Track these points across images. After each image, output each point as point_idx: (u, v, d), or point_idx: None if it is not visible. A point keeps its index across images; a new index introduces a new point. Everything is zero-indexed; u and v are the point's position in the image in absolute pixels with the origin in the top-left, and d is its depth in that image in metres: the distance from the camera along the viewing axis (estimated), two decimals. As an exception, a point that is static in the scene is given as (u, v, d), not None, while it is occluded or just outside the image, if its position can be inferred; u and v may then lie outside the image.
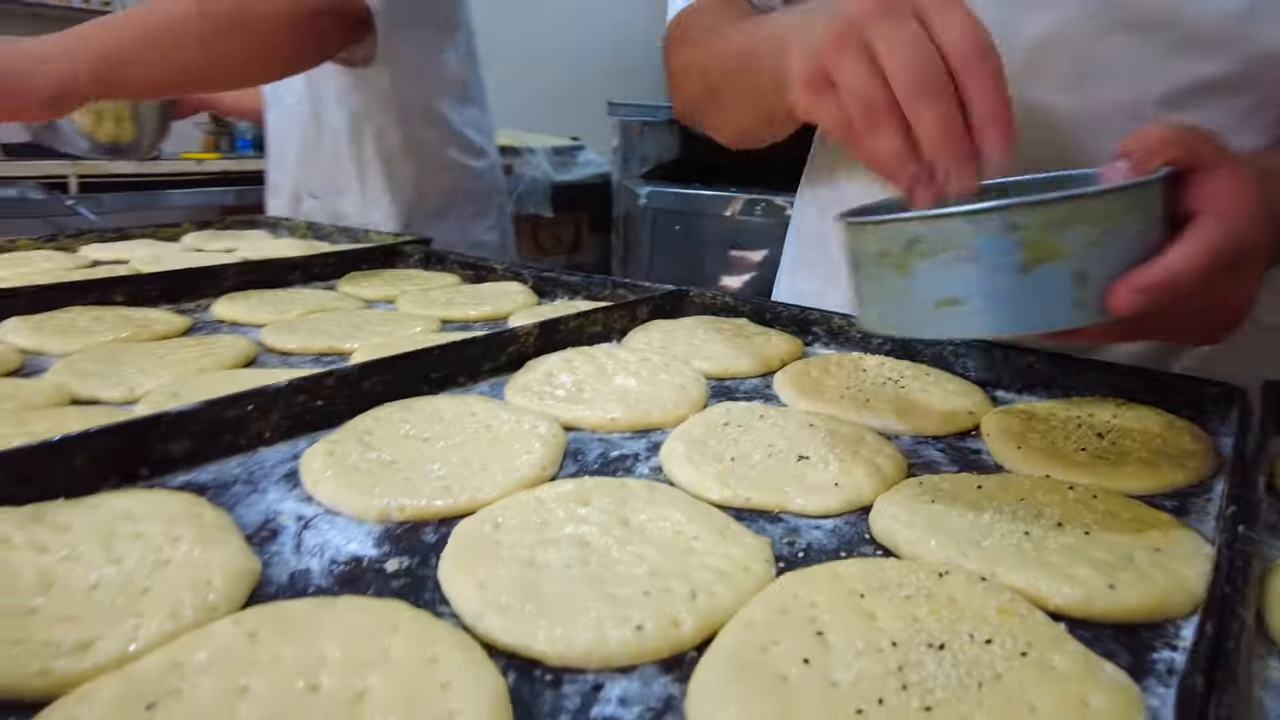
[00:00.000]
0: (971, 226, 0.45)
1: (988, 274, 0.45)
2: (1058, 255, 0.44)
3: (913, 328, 0.50)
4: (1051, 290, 0.45)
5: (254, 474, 0.56)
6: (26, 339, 0.84)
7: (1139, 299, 0.44)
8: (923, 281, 0.47)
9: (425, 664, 0.35)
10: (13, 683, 0.34)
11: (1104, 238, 0.45)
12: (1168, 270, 0.45)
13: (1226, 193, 0.48)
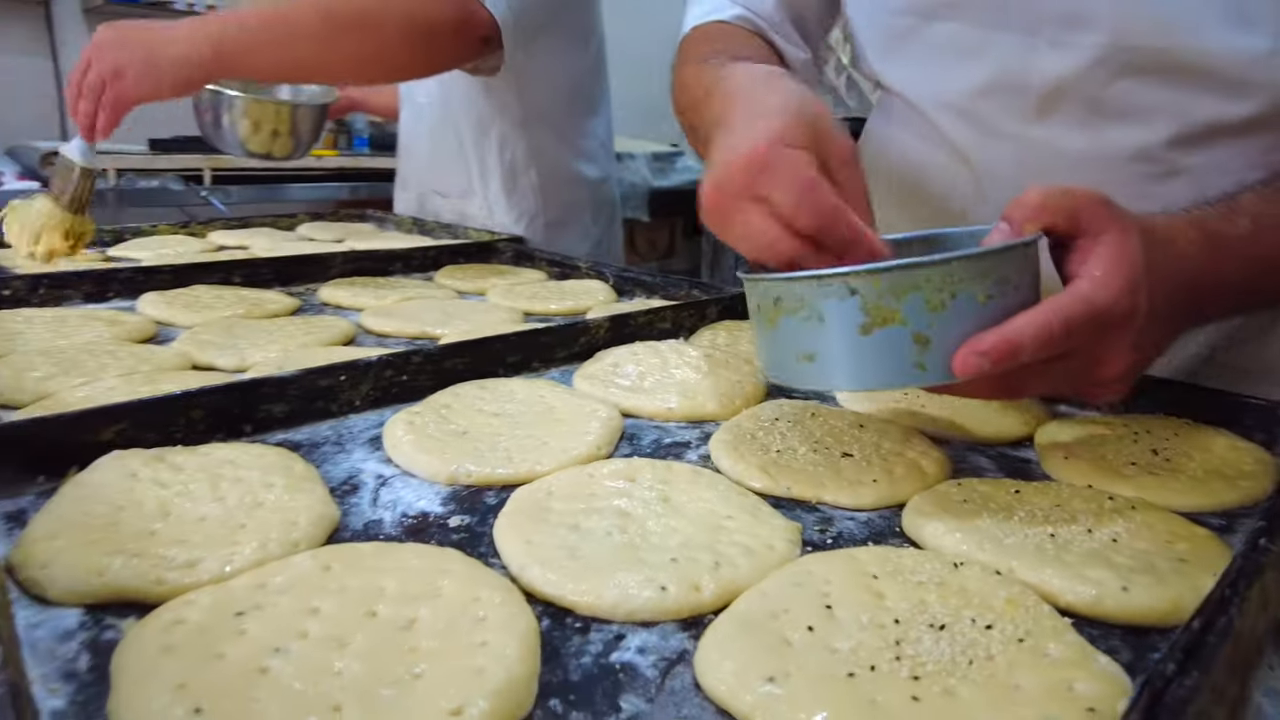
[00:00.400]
0: (818, 289, 0.48)
1: (834, 334, 0.49)
2: (895, 319, 0.47)
3: (783, 376, 0.53)
4: (893, 351, 0.48)
5: (342, 436, 0.62)
6: (160, 311, 0.94)
7: (979, 362, 0.46)
8: (785, 335, 0.51)
9: (469, 602, 0.39)
10: (135, 587, 0.40)
11: (948, 303, 0.47)
12: (1006, 336, 0.46)
13: (1102, 259, 0.48)
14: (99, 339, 0.83)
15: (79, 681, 0.35)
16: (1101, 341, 0.49)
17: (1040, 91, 0.72)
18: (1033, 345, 0.46)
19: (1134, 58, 0.68)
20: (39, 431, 0.52)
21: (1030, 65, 0.71)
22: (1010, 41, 0.72)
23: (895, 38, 0.80)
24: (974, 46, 0.74)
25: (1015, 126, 0.75)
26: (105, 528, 0.44)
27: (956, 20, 0.74)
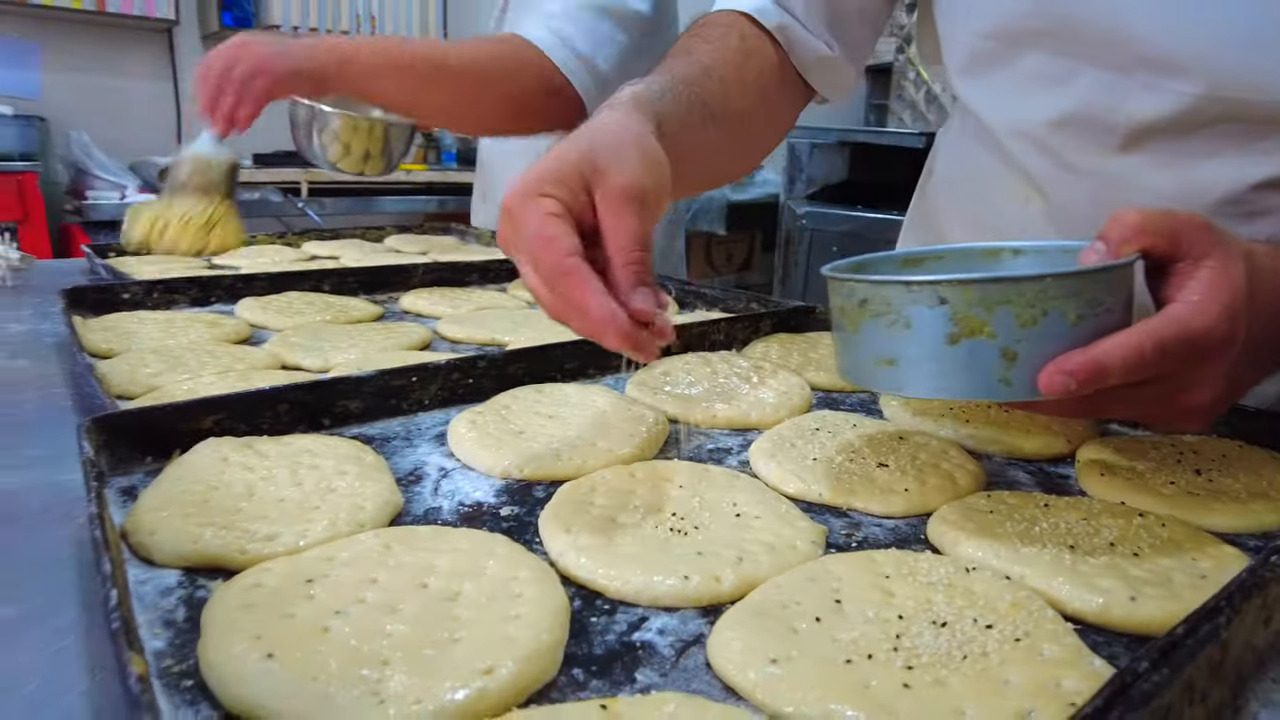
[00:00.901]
0: (907, 295, 0.48)
1: (918, 341, 0.48)
2: (984, 332, 0.47)
3: (861, 379, 0.53)
4: (978, 364, 0.47)
5: (411, 432, 0.68)
6: (256, 315, 1.03)
7: (1065, 381, 0.45)
8: (867, 339, 0.50)
9: (509, 580, 0.44)
10: (223, 555, 0.46)
11: (1039, 319, 0.46)
12: (1095, 357, 0.45)
13: (1201, 284, 0.47)
14: (201, 339, 0.91)
15: (176, 629, 0.40)
16: (1193, 368, 0.48)
17: (1127, 130, 0.70)
18: (1121, 368, 0.45)
19: (1228, 108, 0.66)
20: (149, 419, 0.59)
21: (1119, 103, 0.70)
22: (1099, 77, 0.70)
23: (978, 60, 0.79)
24: (1059, 78, 0.72)
25: (1094, 161, 0.74)
26: (200, 504, 0.51)
27: (1044, 50, 0.72)
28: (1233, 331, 0.47)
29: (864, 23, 0.88)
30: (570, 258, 0.49)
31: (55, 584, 0.45)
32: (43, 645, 0.40)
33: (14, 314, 1.03)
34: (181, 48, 3.75)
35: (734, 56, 0.82)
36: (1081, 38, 0.69)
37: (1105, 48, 0.69)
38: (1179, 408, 0.50)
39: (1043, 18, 0.71)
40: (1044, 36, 0.72)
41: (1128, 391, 0.48)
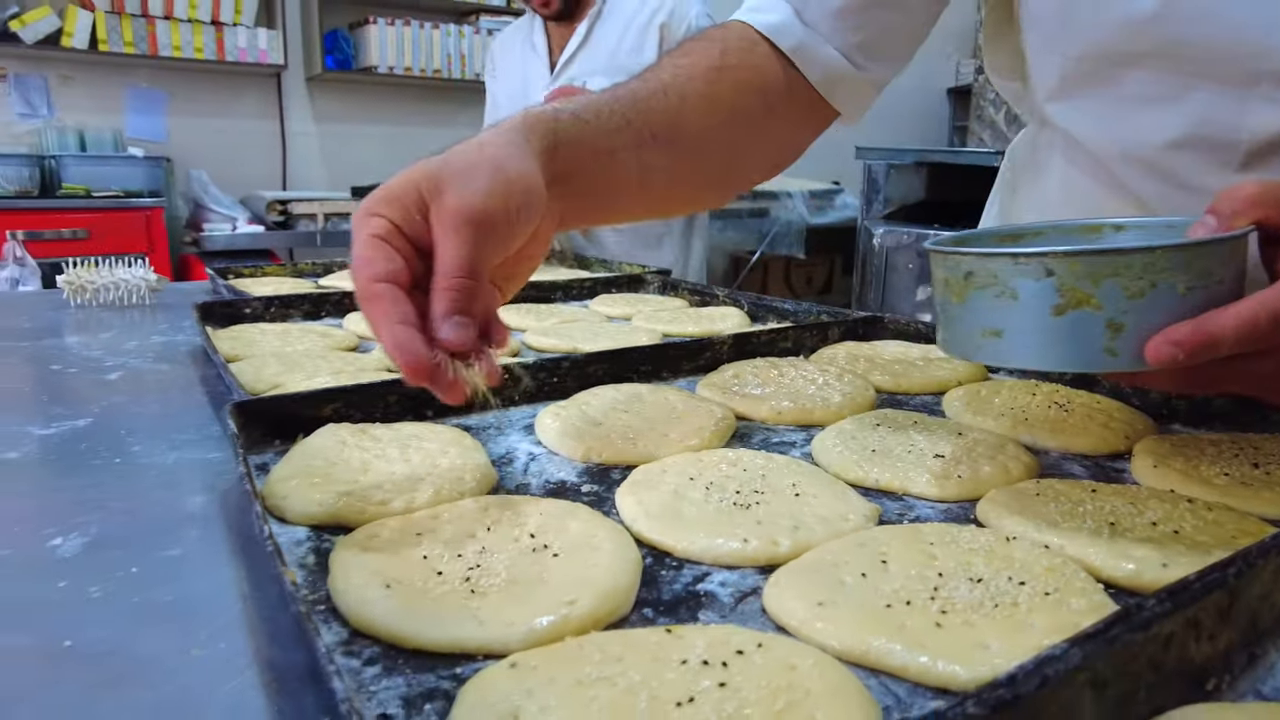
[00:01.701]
0: (1013, 267, 0.49)
1: (1024, 312, 0.49)
2: (1090, 303, 0.48)
3: (965, 352, 0.54)
4: (1084, 335, 0.48)
5: (503, 423, 0.75)
6: (362, 328, 1.13)
7: (1173, 352, 0.45)
8: (973, 310, 0.52)
9: (589, 536, 0.50)
10: (344, 514, 0.54)
11: (1147, 291, 0.47)
12: (1205, 328, 0.45)
13: None
14: (315, 347, 1.02)
15: (308, 569, 0.48)
16: None
17: (1250, 146, 0.68)
18: (1234, 339, 0.45)
19: None
20: (279, 405, 0.67)
21: (1240, 119, 0.67)
22: (1216, 93, 0.67)
23: (1073, 81, 0.76)
24: (1170, 97, 0.70)
25: (1210, 180, 0.70)
26: (324, 476, 0.59)
27: (1150, 70, 0.70)
28: None
29: (899, 39, 0.84)
30: (376, 283, 0.48)
31: (208, 533, 0.54)
32: (203, 577, 0.48)
33: (153, 327, 1.17)
34: (288, 90, 4.04)
35: (705, 73, 0.77)
36: (1195, 55, 0.67)
37: (1222, 64, 0.66)
38: None
39: (1150, 39, 0.68)
40: (1153, 56, 0.69)
41: (1241, 364, 0.48)
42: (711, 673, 0.36)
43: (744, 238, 4.54)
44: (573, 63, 1.84)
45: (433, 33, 4.08)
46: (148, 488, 0.61)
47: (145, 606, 0.45)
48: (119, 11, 3.43)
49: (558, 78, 1.85)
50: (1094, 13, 0.70)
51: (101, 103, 3.64)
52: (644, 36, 1.74)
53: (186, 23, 3.55)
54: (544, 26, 1.90)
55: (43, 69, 3.51)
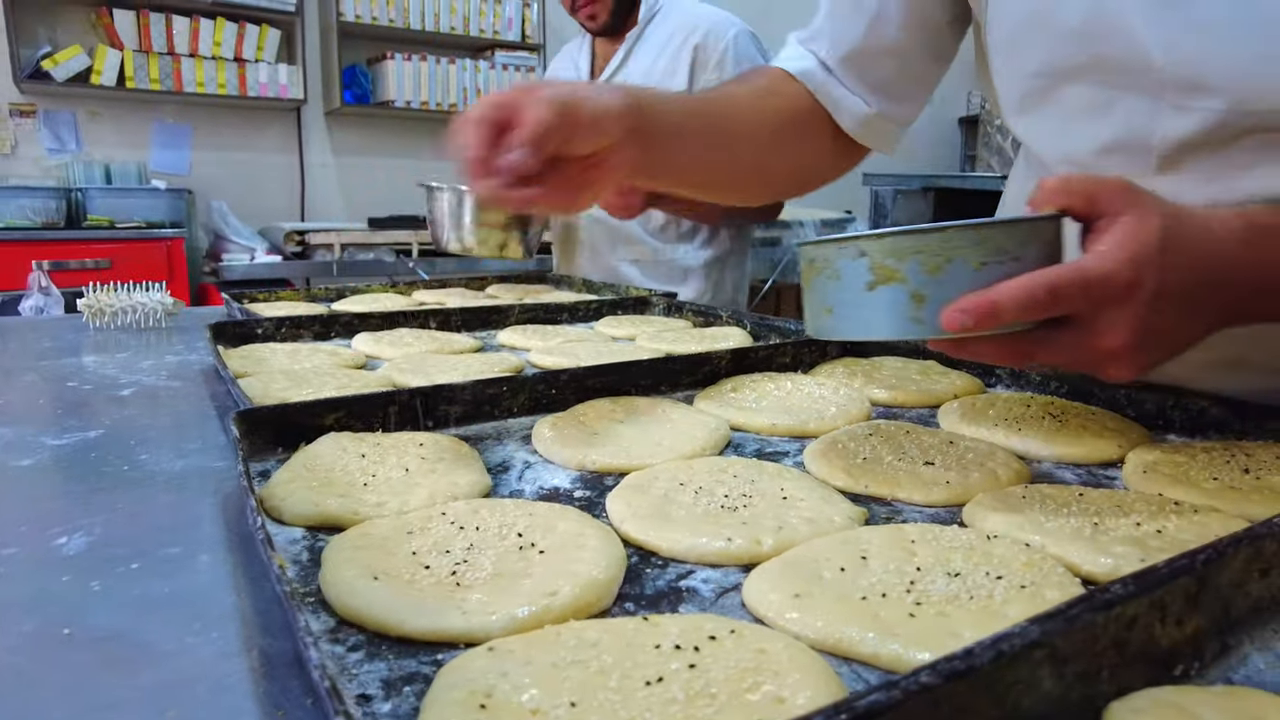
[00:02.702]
0: (836, 250, 0.57)
1: (846, 289, 0.57)
2: (896, 278, 0.54)
3: (813, 329, 0.62)
4: (893, 306, 0.55)
5: (501, 433, 0.76)
6: (370, 347, 1.15)
7: (962, 318, 0.51)
8: (815, 292, 0.60)
9: (577, 535, 0.51)
10: (339, 516, 0.55)
11: (944, 266, 0.53)
12: (989, 296, 0.51)
13: (1111, 236, 0.53)
14: (323, 365, 1.04)
15: (301, 565, 0.49)
16: (1100, 312, 0.53)
17: (1162, 150, 0.73)
18: (1013, 306, 0.51)
19: (1256, 120, 0.68)
20: (282, 413, 0.69)
21: (1153, 126, 0.73)
22: (1136, 103, 0.73)
23: (1030, 97, 0.83)
24: (1101, 106, 0.76)
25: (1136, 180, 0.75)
26: (322, 479, 0.60)
27: (1086, 83, 0.76)
28: (1137, 278, 0.52)
29: (909, 82, 0.95)
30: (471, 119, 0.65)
31: (208, 532, 0.55)
32: (202, 571, 0.50)
33: (168, 347, 1.19)
34: (308, 124, 4.13)
35: (754, 90, 0.94)
36: (1117, 68, 0.73)
37: (1137, 75, 0.72)
38: (1096, 351, 0.55)
39: (1083, 53, 0.75)
40: (1086, 70, 0.76)
41: (1045, 334, 0.54)
42: (683, 656, 0.37)
43: (757, 266, 4.54)
44: (612, 81, 1.86)
45: (449, 68, 4.16)
46: (153, 492, 0.63)
47: (144, 599, 0.46)
48: (146, 50, 3.54)
49: None
50: (1039, 32, 0.78)
51: (128, 137, 3.73)
52: (677, 59, 1.76)
53: (211, 60, 3.65)
54: (590, 46, 1.95)
55: (72, 105, 3.61)
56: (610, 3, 1.77)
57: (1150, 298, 0.53)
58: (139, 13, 3.53)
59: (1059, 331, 0.54)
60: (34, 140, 3.57)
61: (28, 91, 3.48)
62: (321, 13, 3.99)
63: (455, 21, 4.16)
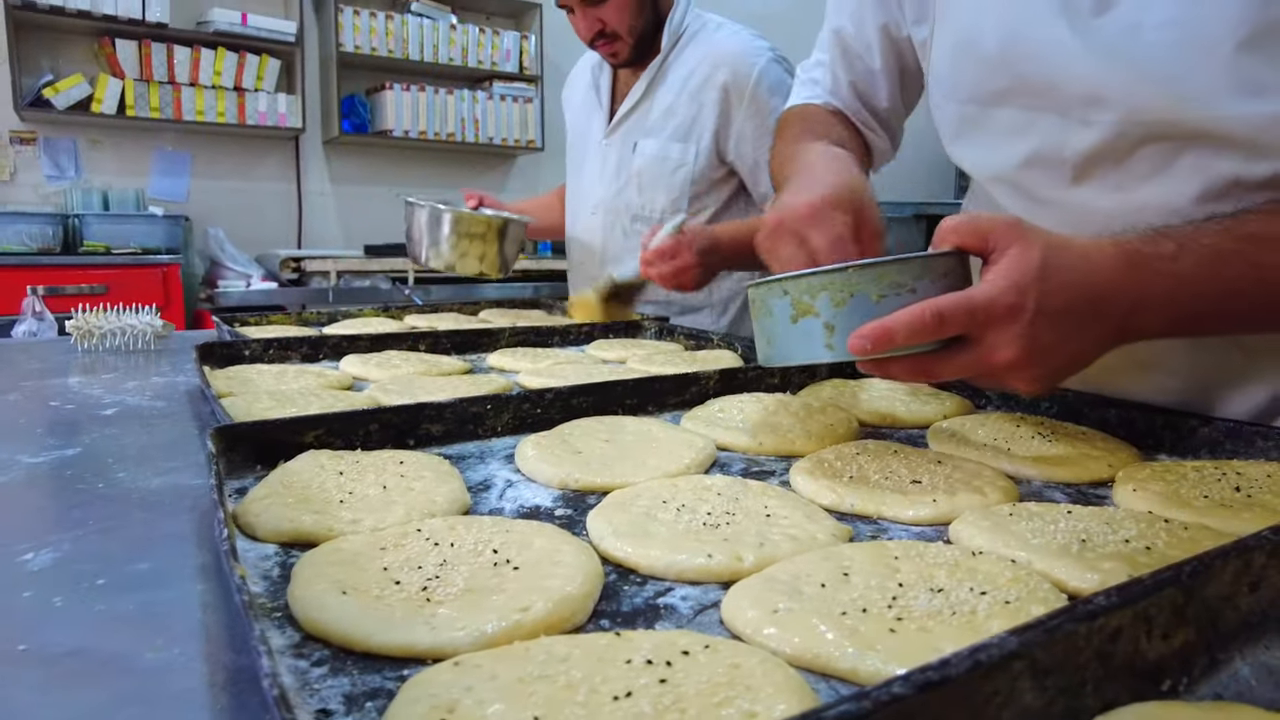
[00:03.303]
0: (767, 291, 0.66)
1: (777, 323, 0.66)
2: (811, 311, 0.64)
3: (762, 359, 0.70)
4: (810, 335, 0.64)
5: (484, 452, 0.75)
6: (358, 369, 1.14)
7: (861, 344, 0.60)
8: (759, 326, 0.69)
9: (553, 551, 0.50)
10: (313, 532, 0.54)
11: (847, 300, 0.62)
12: (884, 324, 0.59)
13: (996, 269, 0.60)
14: (309, 386, 1.03)
15: (270, 580, 0.48)
16: (987, 332, 0.59)
17: (1074, 162, 0.80)
18: (904, 331, 0.58)
19: (1151, 129, 0.74)
20: (262, 429, 0.68)
21: (1065, 140, 0.80)
22: (1050, 121, 0.81)
23: (963, 123, 0.91)
24: (1021, 127, 0.84)
25: (1055, 193, 0.84)
26: (298, 496, 0.59)
27: (1008, 106, 0.84)
28: (1019, 301, 0.58)
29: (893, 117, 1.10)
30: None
31: (180, 549, 0.54)
32: (168, 588, 0.48)
33: (156, 368, 1.19)
34: (306, 152, 4.15)
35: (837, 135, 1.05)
36: (1033, 90, 0.81)
37: (1049, 95, 0.79)
38: (991, 365, 0.61)
39: (1005, 77, 0.83)
40: (1009, 94, 0.84)
41: (946, 354, 0.61)
42: (654, 671, 0.35)
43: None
44: (629, 118, 1.79)
45: (447, 98, 4.20)
46: (127, 509, 0.62)
47: (107, 615, 0.45)
48: (147, 79, 3.57)
49: (616, 128, 1.82)
50: (966, 60, 0.87)
51: (128, 164, 3.76)
52: (702, 94, 1.69)
53: (211, 89, 3.68)
54: (611, 73, 1.86)
55: (72, 133, 3.64)
56: (631, 40, 1.69)
57: (1032, 317, 0.59)
58: (141, 43, 3.56)
59: (956, 351, 0.61)
60: (34, 167, 3.59)
61: (28, 119, 3.51)
62: (321, 43, 4.04)
63: (454, 53, 4.21)
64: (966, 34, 0.85)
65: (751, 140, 1.65)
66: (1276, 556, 0.42)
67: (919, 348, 0.61)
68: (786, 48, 1.74)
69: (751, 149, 1.65)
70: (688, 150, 1.70)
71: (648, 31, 1.71)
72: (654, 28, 1.72)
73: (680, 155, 1.71)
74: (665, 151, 1.72)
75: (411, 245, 1.78)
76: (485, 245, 1.74)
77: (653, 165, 1.73)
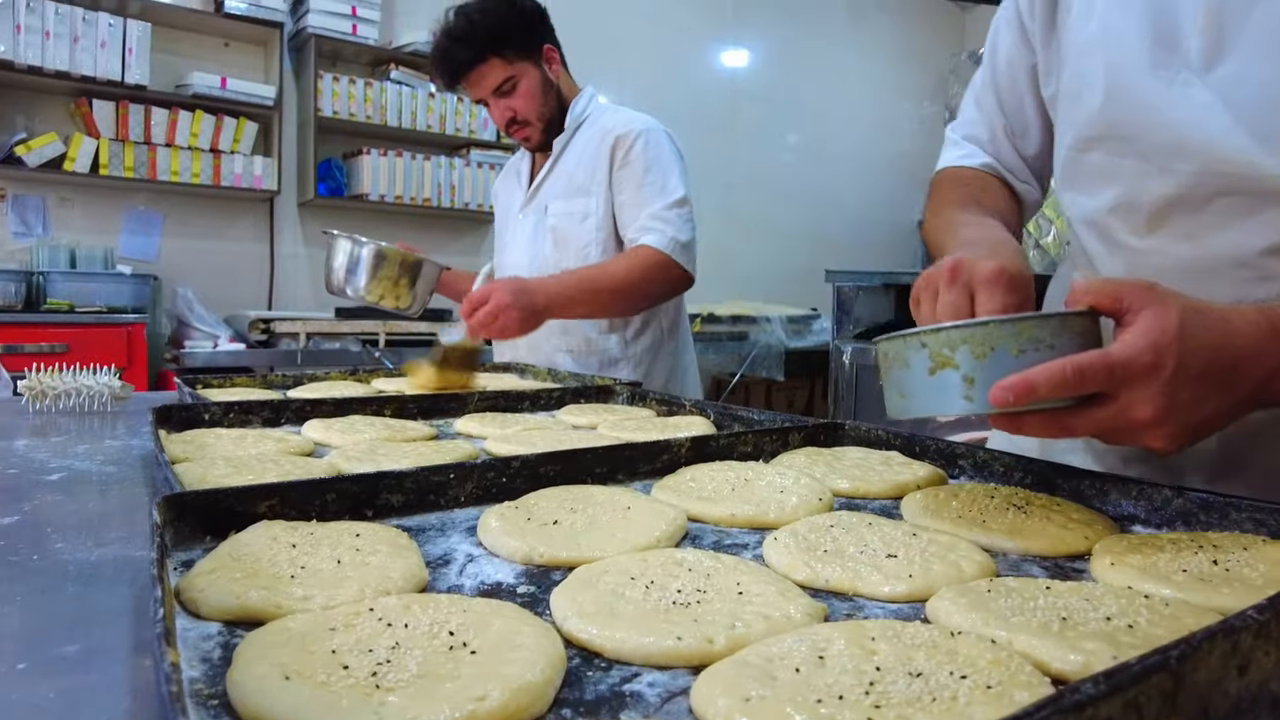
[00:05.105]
0: (904, 345, 0.69)
1: (913, 376, 0.68)
2: (950, 364, 0.66)
3: (892, 412, 0.71)
4: (948, 388, 0.66)
5: (445, 525, 0.72)
6: (320, 434, 1.11)
7: (1004, 395, 0.61)
8: (891, 380, 0.71)
9: (513, 634, 0.47)
10: (260, 609, 0.51)
11: (989, 354, 0.64)
12: (1026, 377, 0.61)
13: (1133, 328, 0.62)
14: (268, 451, 0.99)
15: (210, 663, 0.45)
16: (1125, 390, 0.62)
17: (1150, 209, 0.85)
18: (1046, 385, 0.60)
19: (1226, 182, 0.78)
20: (212, 499, 0.65)
21: (1145, 186, 0.84)
22: (1133, 167, 0.85)
23: (1064, 167, 0.96)
24: (1108, 172, 0.89)
25: (1131, 239, 0.88)
26: (247, 570, 0.56)
27: (1098, 151, 0.89)
28: (1158, 360, 0.61)
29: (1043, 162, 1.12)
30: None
31: (114, 629, 0.51)
32: (95, 672, 0.45)
33: (111, 431, 1.15)
34: (280, 214, 4.15)
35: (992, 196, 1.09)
36: (1121, 135, 0.86)
37: (1135, 142, 0.84)
38: (1128, 423, 0.63)
39: (1101, 125, 0.88)
40: (1100, 140, 0.89)
41: (1082, 410, 0.63)
42: (618, 768, 0.33)
43: (724, 360, 4.60)
44: (541, 188, 2.08)
45: (424, 164, 4.24)
46: (60, 583, 0.58)
47: (22, 705, 0.41)
48: (123, 139, 3.57)
49: (531, 198, 2.10)
50: (1074, 107, 0.91)
51: (98, 223, 3.72)
52: (596, 159, 1.97)
53: (186, 150, 3.69)
54: (531, 158, 2.17)
55: (43, 190, 3.61)
56: (540, 124, 2.00)
57: (1170, 376, 0.61)
58: (119, 103, 3.57)
59: (1093, 407, 0.63)
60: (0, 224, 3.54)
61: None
62: (300, 108, 4.07)
63: (432, 120, 4.26)
64: (1077, 82, 0.90)
65: (621, 184, 1.94)
66: (1263, 637, 0.41)
67: (1054, 403, 0.63)
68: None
69: (620, 191, 1.95)
70: (590, 202, 1.98)
71: (555, 118, 2.02)
72: (560, 114, 2.03)
73: (584, 207, 1.99)
74: (571, 207, 2.00)
75: (330, 275, 1.89)
76: (399, 281, 1.86)
77: (563, 221, 2.00)
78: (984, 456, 0.90)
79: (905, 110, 6.33)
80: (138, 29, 3.52)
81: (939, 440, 0.96)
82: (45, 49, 3.33)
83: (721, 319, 4.46)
